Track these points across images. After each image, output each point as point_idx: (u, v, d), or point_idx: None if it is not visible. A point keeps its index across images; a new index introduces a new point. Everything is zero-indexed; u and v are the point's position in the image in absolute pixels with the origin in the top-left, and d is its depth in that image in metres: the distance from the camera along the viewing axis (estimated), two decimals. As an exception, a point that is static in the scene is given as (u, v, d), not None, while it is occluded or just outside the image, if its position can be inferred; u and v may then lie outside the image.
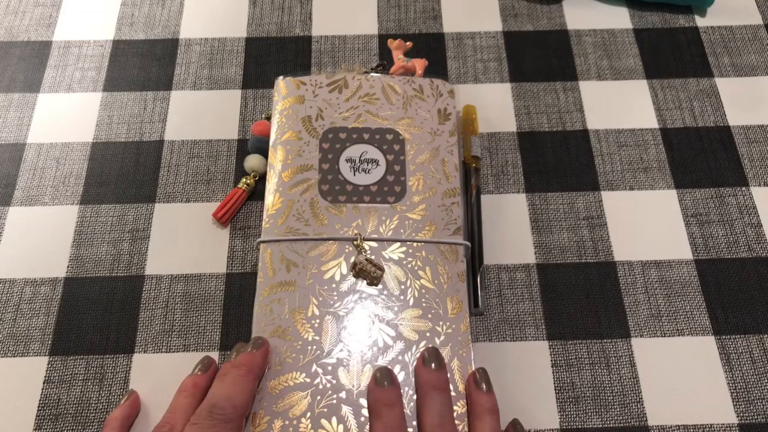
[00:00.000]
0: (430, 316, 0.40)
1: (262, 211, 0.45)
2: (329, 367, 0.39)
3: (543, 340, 0.43)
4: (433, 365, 0.38)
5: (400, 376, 0.38)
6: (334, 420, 0.37)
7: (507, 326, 0.44)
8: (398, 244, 0.42)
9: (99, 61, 0.55)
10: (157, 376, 0.42)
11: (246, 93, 0.53)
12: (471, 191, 0.47)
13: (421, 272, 0.42)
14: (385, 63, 0.52)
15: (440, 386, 0.37)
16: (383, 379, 0.38)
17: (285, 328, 0.40)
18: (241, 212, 0.48)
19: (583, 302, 0.45)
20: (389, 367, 0.39)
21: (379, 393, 0.37)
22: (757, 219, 0.48)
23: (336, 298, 0.41)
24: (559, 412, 0.41)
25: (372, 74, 0.48)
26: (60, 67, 0.54)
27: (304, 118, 0.46)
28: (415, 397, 0.38)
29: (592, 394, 0.42)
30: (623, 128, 0.51)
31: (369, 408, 0.37)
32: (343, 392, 0.38)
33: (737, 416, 0.41)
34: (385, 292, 0.41)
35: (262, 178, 0.49)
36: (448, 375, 0.39)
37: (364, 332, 0.40)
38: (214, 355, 0.43)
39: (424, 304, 0.41)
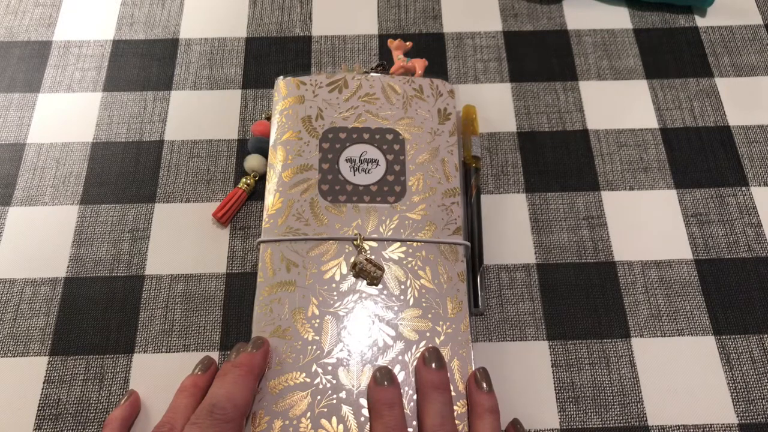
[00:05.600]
0: (430, 316, 0.40)
1: (262, 211, 0.45)
2: (329, 367, 0.39)
3: (543, 340, 0.43)
4: (433, 365, 0.38)
5: (400, 376, 0.38)
6: (334, 420, 0.37)
7: (507, 326, 0.44)
8: (398, 243, 0.42)
9: (99, 61, 0.55)
10: (157, 376, 0.42)
11: (246, 93, 0.53)
12: (471, 191, 0.47)
13: (421, 272, 0.42)
14: (385, 63, 0.52)
15: (441, 386, 0.37)
16: (383, 378, 0.38)
17: (285, 328, 0.40)
18: (241, 212, 0.48)
19: (583, 302, 0.45)
20: (389, 366, 0.39)
21: (379, 393, 0.37)
22: (757, 219, 0.48)
23: (336, 298, 0.41)
24: (559, 412, 0.41)
25: (372, 74, 0.48)
26: (60, 67, 0.54)
27: (304, 118, 0.46)
28: (415, 397, 0.38)
29: (592, 394, 0.42)
30: (623, 128, 0.51)
31: (369, 408, 0.37)
32: (343, 392, 0.38)
33: (737, 416, 0.41)
34: (385, 292, 0.41)
35: (262, 178, 0.49)
36: (449, 375, 0.39)
37: (364, 332, 0.40)
38: (214, 355, 0.43)
39: (424, 304, 0.41)
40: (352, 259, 0.42)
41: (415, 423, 0.37)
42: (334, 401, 0.38)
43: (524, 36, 0.56)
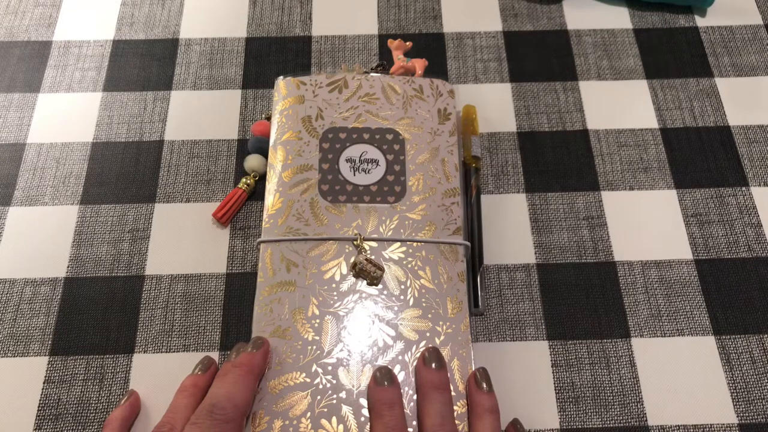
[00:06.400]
0: (430, 316, 0.40)
1: (262, 211, 0.45)
2: (329, 367, 0.39)
3: (543, 340, 0.43)
4: (433, 365, 0.38)
5: (400, 376, 0.38)
6: (334, 420, 0.37)
7: (507, 326, 0.44)
8: (398, 244, 0.42)
9: (99, 61, 0.55)
10: (157, 376, 0.42)
11: (246, 93, 0.53)
12: (471, 191, 0.47)
13: (421, 272, 0.42)
14: (385, 63, 0.52)
15: (441, 386, 0.37)
16: (383, 378, 0.38)
17: (285, 328, 0.40)
18: (241, 212, 0.48)
19: (583, 302, 0.45)
20: (389, 366, 0.39)
21: (379, 393, 0.37)
22: (757, 219, 0.48)
23: (336, 298, 0.41)
24: (559, 412, 0.41)
25: (372, 74, 0.48)
26: (60, 67, 0.54)
27: (304, 118, 0.46)
28: (415, 397, 0.38)
29: (592, 394, 0.42)
30: (623, 128, 0.51)
31: (369, 408, 0.37)
32: (343, 392, 0.38)
33: (737, 416, 0.41)
34: (385, 292, 0.41)
35: (262, 178, 0.49)
36: (449, 375, 0.39)
37: (364, 332, 0.40)
38: (214, 355, 0.43)
39: (424, 304, 0.41)
40: (352, 259, 0.42)
41: (415, 423, 0.37)
42: (334, 401, 0.38)
43: (524, 36, 0.56)
